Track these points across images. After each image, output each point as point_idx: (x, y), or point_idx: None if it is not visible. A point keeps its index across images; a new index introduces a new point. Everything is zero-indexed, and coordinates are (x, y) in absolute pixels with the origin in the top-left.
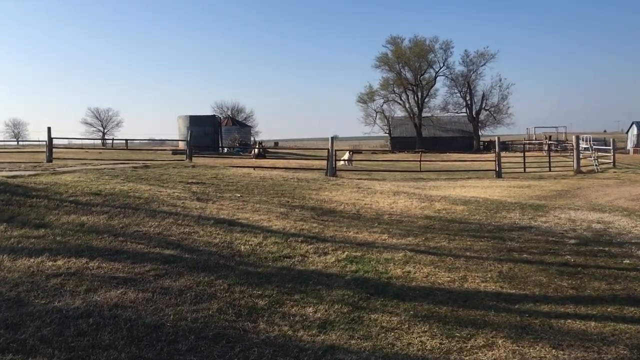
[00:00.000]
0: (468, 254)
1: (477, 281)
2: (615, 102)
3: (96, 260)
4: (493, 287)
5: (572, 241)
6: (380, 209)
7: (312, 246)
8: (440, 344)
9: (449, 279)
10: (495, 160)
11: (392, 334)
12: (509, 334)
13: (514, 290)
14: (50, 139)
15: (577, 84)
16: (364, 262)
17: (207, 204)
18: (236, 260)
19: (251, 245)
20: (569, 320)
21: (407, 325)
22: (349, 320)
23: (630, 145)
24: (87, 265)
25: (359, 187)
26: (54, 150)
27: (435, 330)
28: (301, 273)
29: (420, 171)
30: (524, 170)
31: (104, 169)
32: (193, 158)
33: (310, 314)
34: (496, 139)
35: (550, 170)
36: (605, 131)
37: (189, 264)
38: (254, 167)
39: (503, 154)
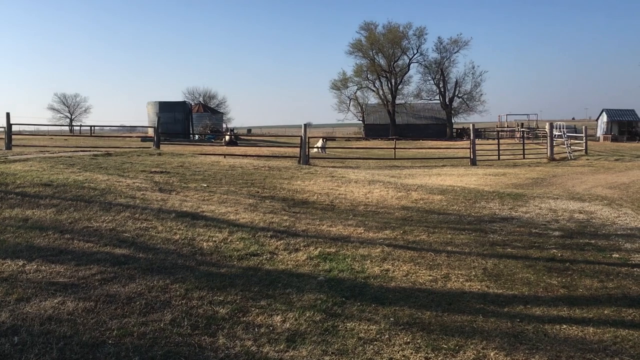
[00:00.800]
0: (449, 248)
1: (461, 280)
2: (582, 90)
3: (35, 263)
4: (479, 287)
5: (557, 233)
6: (356, 199)
7: (282, 242)
8: (426, 358)
9: (430, 277)
10: (470, 148)
11: (371, 346)
12: (501, 344)
13: (501, 290)
14: (9, 125)
15: (547, 72)
16: (339, 260)
17: (170, 196)
18: (197, 260)
19: (215, 241)
20: (565, 326)
21: (387, 336)
22: (322, 330)
23: (600, 132)
24: (24, 269)
25: (332, 176)
26: (15, 137)
27: (419, 340)
28: (269, 274)
29: (395, 159)
30: (499, 157)
31: (61, 157)
32: (162, 146)
33: (278, 324)
34: (471, 126)
35: (524, 158)
36: (573, 118)
37: (142, 265)
38: (224, 155)
39: (477, 141)
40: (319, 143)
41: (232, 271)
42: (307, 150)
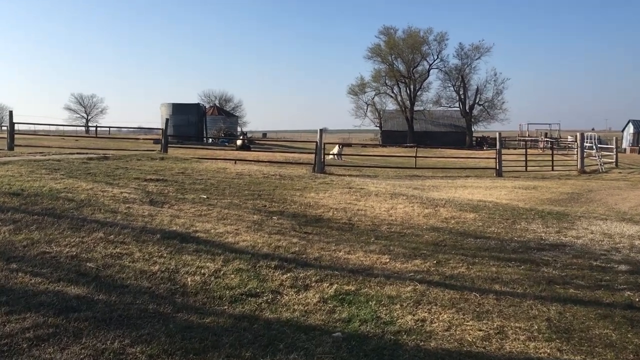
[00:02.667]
0: (497, 287)
1: (521, 338)
2: (602, 100)
3: None
4: (547, 351)
5: (623, 267)
6: (377, 216)
7: (289, 275)
8: None
9: (481, 333)
10: (495, 158)
11: None
12: None
13: (578, 358)
14: (11, 124)
15: (566, 81)
16: (360, 303)
17: (161, 210)
18: (175, 304)
19: (204, 275)
20: None
21: None
22: None
23: (625, 144)
24: None
25: (350, 187)
26: (26, 137)
27: None
28: (269, 326)
29: (416, 167)
30: (526, 169)
31: (49, 160)
32: (171, 149)
33: None
34: (497, 135)
35: (552, 170)
36: (593, 129)
37: (98, 314)
38: (235, 160)
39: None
40: (335, 149)
41: (219, 322)
42: (322, 157)
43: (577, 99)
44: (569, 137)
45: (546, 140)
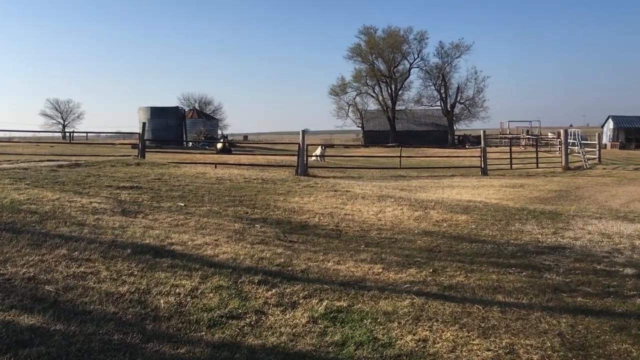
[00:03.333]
0: (500, 297)
1: (534, 358)
2: (579, 97)
3: None
4: None
5: (629, 271)
6: (366, 220)
7: (274, 291)
8: None
9: (490, 354)
10: (480, 157)
11: None
12: None
13: None
14: None
15: (543, 79)
16: (354, 322)
17: (134, 220)
18: (146, 332)
19: (179, 295)
20: None
21: None
22: None
23: (606, 139)
24: None
25: (335, 190)
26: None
27: None
28: (253, 355)
29: (400, 168)
30: (511, 167)
31: (15, 168)
32: (150, 154)
33: None
34: (481, 133)
35: (537, 167)
36: (571, 125)
37: (52, 349)
38: (215, 165)
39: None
40: (318, 151)
41: (196, 352)
42: (305, 159)
43: (554, 96)
44: (549, 133)
45: (528, 138)
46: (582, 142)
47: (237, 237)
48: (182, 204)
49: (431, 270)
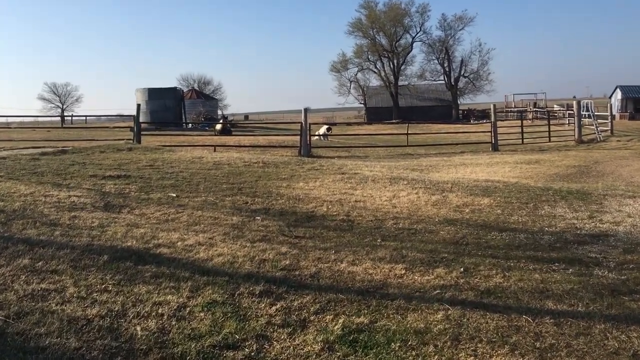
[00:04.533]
0: (550, 304)
1: None
2: (582, 68)
3: None
4: None
5: None
6: (379, 208)
7: (279, 305)
8: None
9: None
10: (490, 132)
11: None
12: None
13: None
14: None
15: (546, 50)
16: (380, 347)
17: (117, 216)
18: None
19: (161, 317)
20: None
21: None
22: None
23: (615, 110)
24: None
25: (342, 173)
26: None
27: None
28: None
29: (408, 145)
30: (522, 141)
31: None
32: (147, 137)
33: None
34: (492, 107)
35: (549, 141)
36: (574, 97)
37: None
38: (214, 147)
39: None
40: (322, 130)
41: None
42: (308, 138)
43: (557, 67)
44: (555, 106)
45: (535, 111)
46: (596, 114)
47: (235, 233)
48: (174, 195)
49: (462, 269)
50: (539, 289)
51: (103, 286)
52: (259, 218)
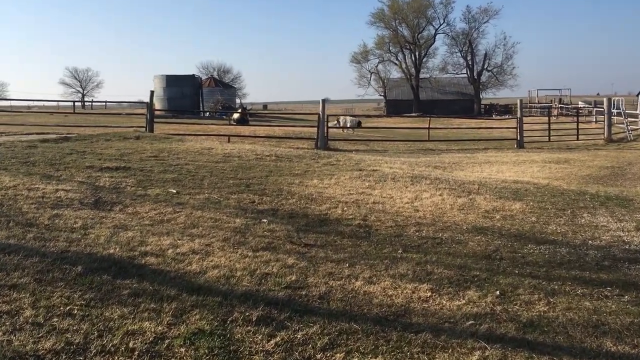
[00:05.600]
0: (609, 343)
1: None
2: (607, 64)
3: None
4: None
5: None
6: (400, 212)
7: (279, 338)
8: None
9: None
10: (516, 128)
11: None
12: None
13: None
14: None
15: (571, 46)
16: None
17: (106, 215)
18: None
19: (132, 354)
20: None
21: None
22: None
23: None
24: None
25: (360, 170)
26: (13, 113)
27: None
28: None
29: (429, 140)
30: (549, 139)
31: None
32: (163, 124)
33: None
34: (518, 102)
35: (577, 139)
36: (598, 94)
37: None
38: (229, 138)
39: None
40: (348, 121)
41: None
42: (325, 130)
43: (582, 63)
44: (580, 102)
45: (560, 107)
46: (627, 112)
47: (236, 239)
48: (174, 191)
49: (497, 292)
50: (592, 322)
51: (67, 308)
52: (265, 221)
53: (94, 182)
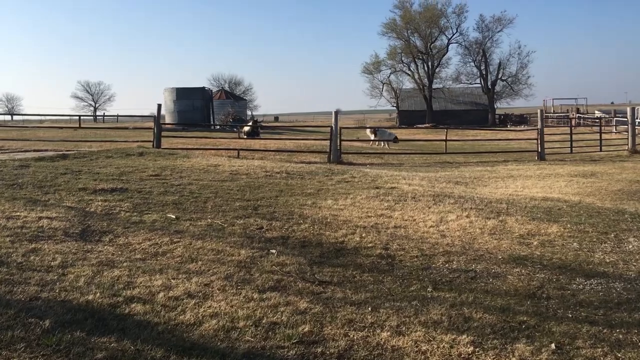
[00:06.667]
0: None
1: None
2: (621, 73)
3: None
4: None
5: None
6: (425, 238)
7: None
8: None
9: None
10: (537, 139)
11: None
12: None
13: None
14: None
15: (584, 55)
16: None
17: (93, 248)
18: None
19: None
20: None
21: None
22: None
23: None
24: None
25: (377, 187)
26: (19, 128)
27: None
28: None
29: (445, 153)
30: (571, 150)
31: None
32: (171, 138)
33: None
34: (538, 112)
35: (600, 151)
36: (612, 103)
37: None
38: (238, 152)
39: (521, 128)
40: (372, 136)
41: None
42: (338, 143)
43: (594, 72)
44: (596, 112)
45: (578, 117)
46: (617, 119)
47: (240, 276)
48: (174, 216)
49: (553, 345)
50: None
51: None
52: (274, 251)
53: (85, 207)
